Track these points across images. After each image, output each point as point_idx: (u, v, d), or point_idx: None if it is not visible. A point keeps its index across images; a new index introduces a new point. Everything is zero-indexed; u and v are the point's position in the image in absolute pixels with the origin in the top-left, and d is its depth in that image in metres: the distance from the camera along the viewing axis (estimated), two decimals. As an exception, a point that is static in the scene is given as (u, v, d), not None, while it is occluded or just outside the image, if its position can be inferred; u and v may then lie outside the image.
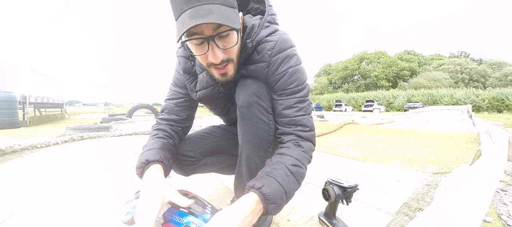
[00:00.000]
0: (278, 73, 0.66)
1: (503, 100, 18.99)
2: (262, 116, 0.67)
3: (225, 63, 0.61)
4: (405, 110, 19.05)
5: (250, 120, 0.67)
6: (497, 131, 3.61)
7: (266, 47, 0.65)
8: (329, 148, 2.42)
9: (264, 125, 0.68)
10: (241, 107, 0.67)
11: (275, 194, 0.55)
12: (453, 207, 0.91)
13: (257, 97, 0.66)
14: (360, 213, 0.96)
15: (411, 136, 3.35)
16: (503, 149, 1.94)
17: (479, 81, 33.37)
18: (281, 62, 0.66)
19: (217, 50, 0.56)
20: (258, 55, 0.66)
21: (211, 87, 0.76)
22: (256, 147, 0.70)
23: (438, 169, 1.63)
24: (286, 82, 0.67)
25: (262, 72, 0.67)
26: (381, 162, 1.84)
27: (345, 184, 0.80)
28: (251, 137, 0.69)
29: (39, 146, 2.39)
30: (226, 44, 0.57)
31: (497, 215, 0.93)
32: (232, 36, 0.57)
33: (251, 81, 0.68)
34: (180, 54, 0.80)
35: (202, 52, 0.57)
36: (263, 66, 0.66)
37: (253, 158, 0.71)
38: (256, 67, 0.67)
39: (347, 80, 48.83)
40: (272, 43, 0.65)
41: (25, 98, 6.06)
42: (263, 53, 0.65)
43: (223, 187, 1.25)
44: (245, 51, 0.65)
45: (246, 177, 0.75)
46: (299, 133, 0.68)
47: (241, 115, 0.69)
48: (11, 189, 1.22)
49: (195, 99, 0.82)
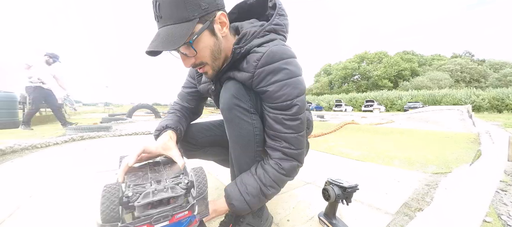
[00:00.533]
0: (262, 86, 0.64)
1: (503, 100, 19.00)
2: (243, 117, 0.67)
3: (201, 66, 0.66)
4: (405, 110, 19.06)
5: (233, 122, 0.68)
6: (497, 131, 3.61)
7: (253, 58, 0.64)
8: (329, 148, 2.42)
9: (248, 125, 0.68)
10: (223, 111, 0.69)
11: (240, 210, 0.69)
12: (453, 207, 0.91)
13: (236, 98, 0.66)
14: (360, 213, 0.96)
15: (411, 136, 3.35)
16: (503, 149, 1.94)
17: (480, 81, 33.39)
18: (266, 75, 0.63)
19: (185, 58, 0.64)
20: (246, 64, 0.66)
21: (207, 83, 0.82)
22: (244, 147, 0.70)
23: (438, 169, 1.63)
24: (272, 96, 0.64)
25: (247, 81, 0.67)
26: (381, 162, 1.84)
27: (345, 184, 0.80)
28: (237, 138, 0.70)
29: (39, 146, 2.39)
30: (189, 53, 0.62)
31: (497, 215, 0.93)
32: (199, 41, 0.60)
33: (230, 83, 0.69)
34: None
35: (179, 57, 0.65)
36: (248, 76, 0.65)
37: (243, 158, 0.72)
38: (242, 75, 0.67)
39: (347, 80, 48.84)
40: (258, 54, 0.63)
41: (25, 98, 6.05)
42: (249, 64, 0.64)
43: (223, 187, 1.25)
44: (232, 56, 0.66)
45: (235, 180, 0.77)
46: (285, 150, 0.67)
47: (224, 118, 0.70)
48: (11, 189, 1.22)
49: (199, 89, 0.89)
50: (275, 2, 0.73)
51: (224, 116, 0.70)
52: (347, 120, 6.21)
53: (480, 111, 18.98)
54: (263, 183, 0.67)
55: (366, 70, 45.15)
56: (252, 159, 0.71)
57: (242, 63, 0.67)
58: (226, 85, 0.70)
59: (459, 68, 34.67)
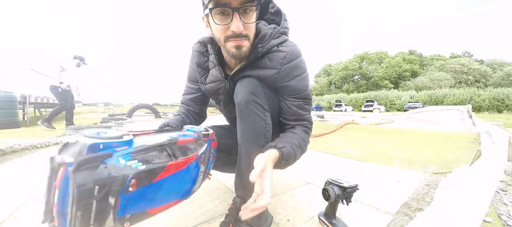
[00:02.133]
0: (286, 80, 0.76)
1: (503, 100, 19.00)
2: (259, 112, 0.72)
3: (242, 39, 0.68)
4: (405, 110, 19.06)
5: (249, 116, 0.72)
6: (497, 131, 3.61)
7: (278, 56, 0.73)
8: (329, 148, 2.42)
9: (261, 121, 0.73)
10: (240, 105, 0.72)
11: (289, 153, 0.71)
12: (453, 207, 0.91)
13: (253, 95, 0.72)
14: (360, 213, 0.96)
15: (411, 136, 3.35)
16: (503, 149, 1.94)
17: (481, 82, 33.35)
18: (291, 70, 0.75)
19: (239, 21, 0.64)
20: (269, 61, 0.74)
21: (218, 82, 0.82)
22: (255, 142, 0.74)
23: (438, 169, 1.63)
24: (296, 88, 0.77)
25: (271, 78, 0.75)
26: (381, 162, 1.84)
27: (345, 184, 0.80)
28: (250, 133, 0.73)
29: (39, 146, 2.39)
30: (248, 19, 0.66)
31: (497, 215, 0.93)
32: (252, 15, 0.67)
33: (247, 80, 0.74)
34: (196, 48, 0.88)
35: (225, 23, 0.64)
36: (274, 73, 0.74)
37: (249, 153, 0.74)
38: (266, 72, 0.75)
39: (347, 80, 48.83)
40: (284, 53, 0.74)
41: (25, 98, 6.05)
42: (275, 61, 0.73)
43: (223, 187, 1.25)
44: (254, 53, 0.72)
45: (246, 173, 0.74)
46: (305, 126, 0.83)
47: (239, 112, 0.74)
48: (11, 189, 1.22)
49: (203, 90, 0.90)
50: (278, 9, 0.80)
51: (240, 110, 0.73)
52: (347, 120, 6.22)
53: (480, 111, 18.98)
54: (298, 136, 0.78)
55: (367, 71, 45.15)
56: (257, 152, 0.74)
57: (261, 61, 0.75)
58: (243, 82, 0.74)
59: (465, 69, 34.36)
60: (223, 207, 1.01)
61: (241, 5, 0.62)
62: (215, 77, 0.82)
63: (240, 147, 0.76)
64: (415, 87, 31.78)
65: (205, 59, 0.85)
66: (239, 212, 0.71)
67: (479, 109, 19.49)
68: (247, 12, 0.65)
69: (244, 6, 0.62)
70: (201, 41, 0.87)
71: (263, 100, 0.73)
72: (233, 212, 0.76)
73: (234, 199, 0.79)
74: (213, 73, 0.83)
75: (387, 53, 46.07)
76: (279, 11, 0.80)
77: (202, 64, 0.86)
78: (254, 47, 0.72)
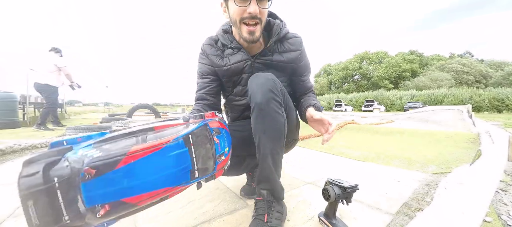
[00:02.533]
0: (302, 59, 0.95)
1: (503, 100, 18.99)
2: (278, 110, 0.76)
3: (257, 21, 0.79)
4: (405, 110, 19.05)
5: (270, 115, 0.74)
6: (497, 131, 3.61)
7: (297, 40, 0.93)
8: (329, 148, 2.42)
9: (281, 118, 0.77)
10: (261, 104, 0.73)
11: (320, 108, 0.92)
12: (453, 207, 0.91)
13: (273, 93, 0.74)
14: (360, 213, 0.96)
15: (411, 136, 3.35)
16: (503, 149, 1.94)
17: (481, 82, 33.28)
18: (304, 50, 0.96)
19: (256, 5, 0.77)
20: (291, 45, 0.92)
21: (244, 61, 0.90)
22: (277, 140, 0.78)
23: (438, 169, 1.63)
24: (307, 65, 1.00)
25: (296, 58, 0.93)
26: (381, 162, 1.84)
27: (345, 184, 0.80)
28: (273, 132, 0.76)
29: (39, 146, 2.39)
30: (263, 5, 0.79)
31: (497, 215, 0.93)
32: (268, 2, 0.81)
33: (264, 79, 0.76)
34: (206, 43, 0.96)
35: (244, 5, 0.77)
36: (297, 53, 0.93)
37: (276, 150, 0.79)
38: (290, 54, 0.92)
39: (347, 80, 48.80)
40: (300, 38, 0.94)
41: (25, 98, 6.05)
42: (297, 44, 0.93)
43: (223, 187, 1.25)
44: (277, 34, 0.89)
45: (272, 169, 0.80)
46: (313, 93, 1.05)
47: (260, 112, 0.74)
48: (11, 189, 1.22)
49: (223, 72, 0.94)
50: (275, 14, 0.95)
51: (260, 109, 0.74)
52: (347, 120, 6.21)
53: (480, 111, 18.98)
54: (316, 99, 0.99)
55: (367, 71, 45.12)
56: (282, 148, 0.82)
57: (283, 46, 0.92)
58: (259, 81, 0.76)
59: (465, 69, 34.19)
60: (223, 207, 1.02)
61: None
62: (241, 57, 0.90)
63: (263, 145, 0.77)
64: (415, 87, 31.73)
65: (217, 47, 0.94)
66: (268, 202, 0.82)
67: (479, 109, 19.47)
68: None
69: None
70: (211, 37, 0.97)
71: (280, 96, 0.77)
72: (263, 204, 0.82)
73: (260, 192, 0.84)
74: (236, 55, 0.91)
75: (387, 53, 46.07)
76: (270, 12, 0.94)
77: (215, 52, 0.93)
78: (277, 29, 0.89)
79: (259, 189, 0.85)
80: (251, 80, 0.79)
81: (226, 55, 0.92)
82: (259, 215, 0.81)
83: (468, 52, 48.19)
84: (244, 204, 1.06)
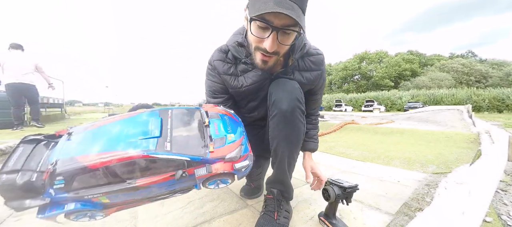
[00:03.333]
0: (323, 77, 0.90)
1: (503, 100, 18.98)
2: (301, 119, 0.78)
3: (271, 56, 0.70)
4: (405, 110, 19.03)
5: (293, 123, 0.75)
6: (497, 131, 3.61)
7: (319, 59, 0.84)
8: (329, 148, 2.42)
9: (302, 126, 0.79)
10: (286, 112, 0.74)
11: (316, 149, 0.98)
12: (453, 207, 0.91)
13: (299, 102, 0.75)
14: (360, 213, 0.96)
15: (411, 136, 3.35)
16: (503, 149, 1.94)
17: (481, 82, 33.25)
18: (324, 69, 0.89)
19: (275, 42, 0.64)
20: (313, 64, 0.83)
21: (262, 81, 0.82)
22: (296, 146, 0.81)
23: (438, 169, 1.63)
24: (324, 83, 0.93)
25: (316, 77, 0.85)
26: (381, 162, 1.84)
27: (345, 184, 0.80)
28: (294, 139, 0.78)
29: (39, 146, 2.39)
30: (284, 41, 0.66)
31: (497, 215, 0.93)
32: (292, 37, 0.67)
33: (291, 86, 0.76)
34: (216, 58, 0.84)
35: (261, 36, 0.65)
36: (319, 73, 0.85)
37: (293, 155, 0.82)
38: (312, 74, 0.84)
39: (347, 80, 48.79)
40: (322, 56, 0.85)
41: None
42: (318, 63, 0.84)
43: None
44: (300, 50, 0.79)
45: (287, 173, 0.84)
46: (317, 114, 1.02)
47: (283, 119, 0.75)
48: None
49: (239, 93, 0.86)
50: None
51: (285, 117, 0.74)
52: (347, 120, 6.21)
53: (480, 111, 18.97)
54: (317, 126, 1.02)
55: (367, 70, 45.09)
56: (298, 154, 0.87)
57: (305, 63, 0.83)
58: (286, 87, 0.76)
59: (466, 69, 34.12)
60: (223, 207, 1.01)
61: (283, 26, 0.62)
62: (259, 76, 0.80)
63: (282, 150, 0.79)
64: (415, 87, 31.73)
65: (229, 65, 0.83)
66: (278, 200, 0.85)
67: (479, 109, 19.47)
68: (287, 34, 0.64)
69: (286, 28, 0.62)
70: (221, 49, 0.84)
71: (304, 106, 0.78)
72: (273, 202, 0.85)
73: (271, 191, 0.87)
74: (254, 73, 0.81)
75: (387, 53, 46.06)
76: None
77: (227, 71, 0.83)
78: (302, 45, 0.78)
79: (270, 188, 0.89)
80: (275, 85, 0.77)
81: (240, 72, 0.82)
82: (268, 211, 0.83)
83: (471, 52, 48.13)
84: (244, 204, 1.06)
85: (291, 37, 0.66)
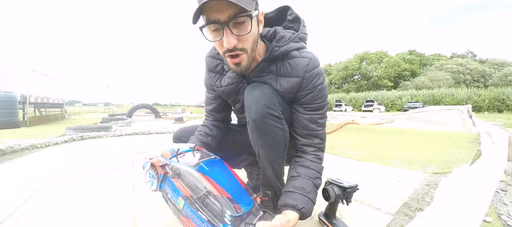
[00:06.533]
0: (309, 88, 0.72)
1: (503, 100, 18.96)
2: (276, 124, 0.71)
3: (239, 52, 0.63)
4: (405, 110, 19.01)
5: (267, 131, 0.71)
6: (497, 131, 3.61)
7: (302, 62, 0.70)
8: (329, 148, 2.42)
9: (280, 131, 0.72)
10: (255, 121, 0.70)
11: (309, 211, 0.69)
12: (453, 207, 0.91)
13: (268, 108, 0.68)
14: (360, 213, 0.96)
15: (411, 136, 3.35)
16: (503, 149, 1.94)
17: (480, 81, 33.24)
18: (313, 78, 0.71)
19: (231, 36, 0.60)
20: (291, 69, 0.71)
21: (236, 83, 0.81)
22: (277, 151, 0.75)
23: (438, 169, 1.63)
24: (314, 98, 0.73)
25: (294, 86, 0.72)
26: (381, 162, 1.84)
27: (345, 184, 0.80)
28: (271, 145, 0.73)
29: (39, 146, 2.39)
30: (240, 32, 0.60)
31: (497, 215, 0.93)
32: (247, 26, 0.61)
33: (259, 93, 0.70)
34: (208, 54, 0.87)
35: (217, 39, 0.61)
36: (297, 81, 0.71)
37: (276, 161, 0.77)
38: (289, 80, 0.72)
39: (347, 80, 48.77)
40: (306, 59, 0.71)
41: (25, 98, 6.05)
42: (297, 69, 0.71)
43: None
44: (270, 52, 0.71)
45: (273, 177, 0.81)
46: (319, 145, 0.78)
47: (255, 128, 0.71)
48: (11, 189, 1.22)
49: (219, 93, 0.88)
50: (296, 16, 0.77)
51: (256, 126, 0.70)
52: (347, 120, 6.21)
53: (481, 111, 18.96)
54: (312, 178, 0.74)
55: (366, 70, 45.05)
56: (283, 158, 0.79)
57: (282, 67, 0.72)
58: (254, 94, 0.70)
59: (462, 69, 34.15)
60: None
61: (229, 19, 0.58)
62: (233, 79, 0.81)
63: (263, 157, 0.77)
64: (414, 87, 31.72)
65: (217, 62, 0.85)
66: (273, 202, 0.83)
67: (479, 109, 19.46)
68: (240, 24, 0.60)
69: (234, 19, 0.58)
70: (212, 47, 0.86)
71: (277, 109, 0.71)
72: (269, 203, 0.85)
73: (266, 193, 0.87)
74: (230, 74, 0.81)
75: (387, 53, 46.04)
76: (297, 18, 0.77)
77: (213, 68, 0.86)
78: (270, 47, 0.71)
79: (264, 190, 0.88)
80: (246, 92, 0.73)
81: (225, 72, 0.84)
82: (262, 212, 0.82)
83: (470, 52, 48.05)
84: (244, 204, 1.06)
85: (247, 25, 0.61)
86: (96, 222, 0.89)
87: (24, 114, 5.91)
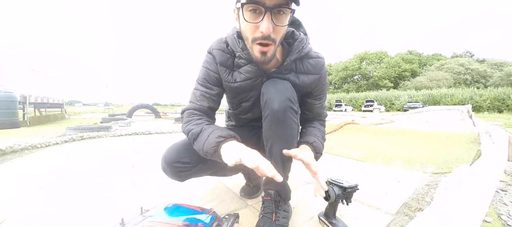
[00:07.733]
0: (321, 84, 0.84)
1: (503, 100, 18.95)
2: (294, 118, 0.76)
3: (269, 42, 0.65)
4: (405, 110, 19.00)
5: (286, 123, 0.74)
6: (497, 131, 3.61)
7: (320, 62, 0.81)
8: (329, 148, 2.42)
9: (295, 126, 0.78)
10: (277, 112, 0.73)
11: (319, 148, 0.82)
12: (453, 207, 0.91)
13: (290, 102, 0.73)
14: (360, 213, 0.96)
15: (411, 136, 3.35)
16: (503, 149, 1.94)
17: (480, 82, 33.20)
18: (325, 74, 0.85)
19: (270, 23, 0.62)
20: (312, 67, 0.80)
21: (255, 78, 0.80)
22: (290, 145, 0.78)
23: (438, 169, 1.63)
24: (323, 89, 0.87)
25: (313, 81, 0.82)
26: (381, 162, 1.84)
27: (345, 184, 0.80)
28: (287, 138, 0.77)
29: (39, 146, 2.39)
30: (279, 22, 0.63)
31: (497, 215, 0.93)
32: (285, 19, 0.64)
33: (283, 86, 0.74)
34: (215, 47, 0.81)
35: (255, 21, 0.63)
36: (317, 77, 0.81)
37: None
38: (309, 77, 0.81)
39: (347, 80, 48.76)
40: (322, 60, 0.83)
41: (25, 98, 6.05)
42: (318, 67, 0.81)
43: (223, 187, 1.25)
44: (298, 52, 0.77)
45: (282, 173, 0.81)
46: (322, 121, 0.95)
47: (276, 119, 0.74)
48: (11, 189, 1.22)
49: (230, 89, 0.83)
50: (300, 22, 0.85)
51: (276, 118, 0.73)
52: (347, 120, 6.21)
53: (481, 111, 18.96)
54: (322, 131, 0.90)
55: (367, 71, 45.03)
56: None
57: (303, 65, 0.80)
58: (277, 87, 0.74)
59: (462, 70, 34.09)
60: (223, 207, 1.01)
61: (275, 6, 0.60)
62: (253, 73, 0.78)
63: (276, 151, 0.77)
64: (414, 87, 31.71)
65: (228, 56, 0.80)
66: (275, 201, 0.84)
67: (479, 109, 19.46)
68: (280, 14, 0.62)
69: (278, 8, 0.60)
70: (221, 40, 0.82)
71: (296, 105, 0.76)
72: (271, 203, 0.85)
73: (268, 192, 0.86)
74: (247, 69, 0.78)
75: (387, 53, 46.04)
76: (296, 19, 0.83)
77: (225, 62, 0.80)
78: (297, 47, 0.76)
79: (266, 189, 0.87)
80: (267, 85, 0.76)
81: (235, 67, 0.80)
82: (266, 213, 0.83)
83: (468, 52, 48.06)
84: (244, 204, 1.06)
85: (286, 17, 0.64)
86: (96, 222, 0.89)
87: (24, 114, 5.91)
